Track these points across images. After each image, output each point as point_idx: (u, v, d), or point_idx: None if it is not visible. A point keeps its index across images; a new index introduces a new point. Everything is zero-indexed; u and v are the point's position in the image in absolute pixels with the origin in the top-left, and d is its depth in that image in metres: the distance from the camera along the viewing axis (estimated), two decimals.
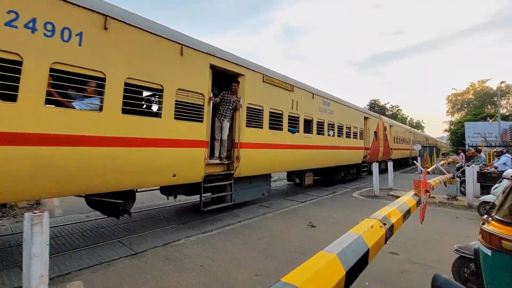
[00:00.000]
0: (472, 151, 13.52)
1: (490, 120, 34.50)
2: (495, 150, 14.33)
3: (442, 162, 17.27)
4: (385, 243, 2.02)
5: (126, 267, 3.87)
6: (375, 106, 58.41)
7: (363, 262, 1.61)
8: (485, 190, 8.59)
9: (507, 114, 38.09)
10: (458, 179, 9.22)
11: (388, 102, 72.87)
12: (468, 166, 9.04)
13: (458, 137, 36.70)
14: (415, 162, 14.40)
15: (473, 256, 2.79)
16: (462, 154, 15.77)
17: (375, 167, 10.33)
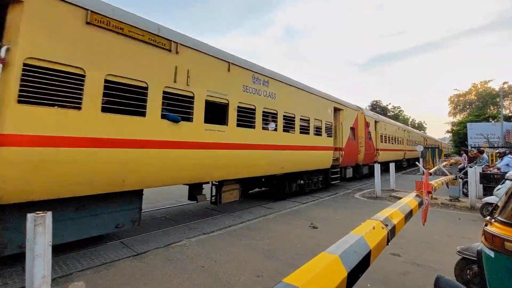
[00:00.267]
0: (475, 152, 13.49)
1: (493, 121, 34.33)
2: (497, 151, 14.31)
3: (444, 163, 17.18)
4: (387, 244, 2.01)
5: (128, 268, 3.88)
6: (376, 107, 58.32)
7: (365, 263, 1.61)
8: (487, 191, 8.55)
9: (510, 115, 37.88)
10: (460, 180, 9.17)
11: (390, 103, 72.76)
12: (470, 167, 9.00)
13: (460, 138, 36.53)
14: (417, 163, 14.21)
15: (475, 258, 2.77)
16: (464, 155, 15.73)
17: (376, 168, 10.30)
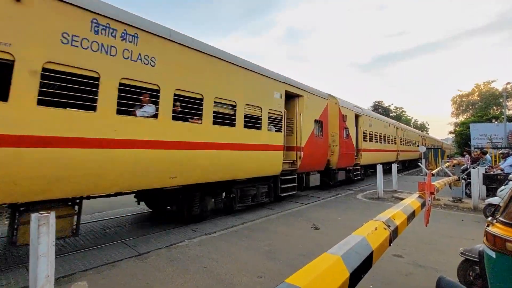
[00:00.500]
0: (478, 153, 13.42)
1: (496, 122, 34.11)
2: (501, 152, 14.22)
3: (447, 164, 17.09)
4: (389, 245, 2.01)
5: (130, 268, 3.90)
6: (379, 108, 58.10)
7: (367, 264, 1.61)
8: (491, 192, 8.51)
9: None
10: (463, 181, 9.13)
11: (392, 104, 72.44)
12: (473, 168, 8.96)
13: (463, 138, 36.32)
14: (419, 164, 14.11)
15: (478, 259, 2.76)
16: (467, 156, 15.65)
17: (378, 168, 10.26)
